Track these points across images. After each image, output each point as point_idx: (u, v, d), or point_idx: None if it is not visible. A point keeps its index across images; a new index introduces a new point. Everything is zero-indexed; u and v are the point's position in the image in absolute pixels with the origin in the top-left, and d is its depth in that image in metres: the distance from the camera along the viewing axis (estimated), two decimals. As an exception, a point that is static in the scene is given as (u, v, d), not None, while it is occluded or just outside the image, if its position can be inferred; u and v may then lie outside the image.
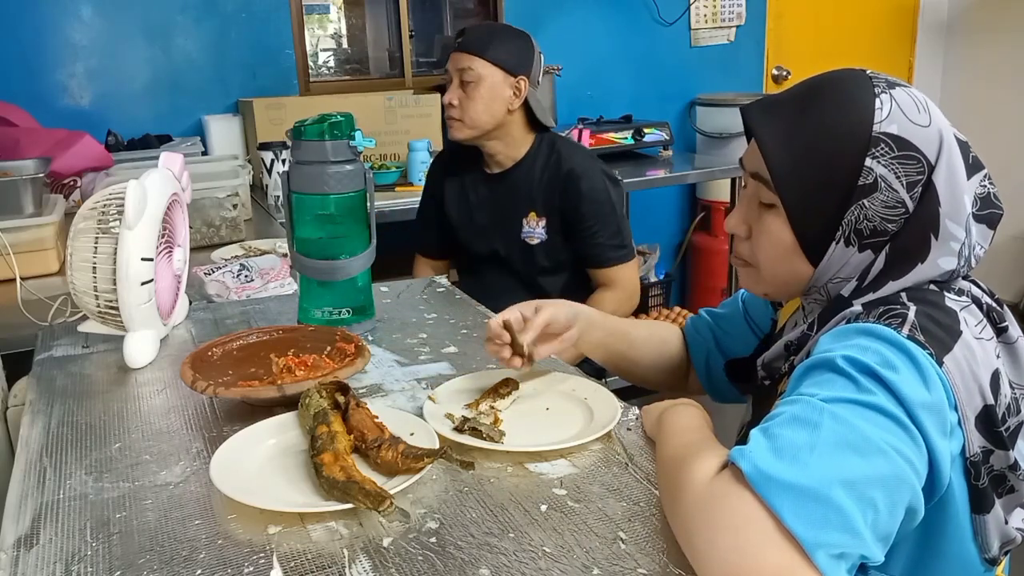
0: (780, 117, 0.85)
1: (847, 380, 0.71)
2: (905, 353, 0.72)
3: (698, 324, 1.22)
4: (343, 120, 1.30)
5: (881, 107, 0.81)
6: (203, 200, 2.04)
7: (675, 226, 4.07)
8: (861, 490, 0.64)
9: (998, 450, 0.78)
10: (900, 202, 0.80)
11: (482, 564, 0.74)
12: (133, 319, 1.23)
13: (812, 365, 0.75)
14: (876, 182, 0.80)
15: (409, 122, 3.09)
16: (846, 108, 0.82)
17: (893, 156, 0.80)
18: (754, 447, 0.67)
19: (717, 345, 1.19)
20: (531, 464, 0.93)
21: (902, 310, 0.77)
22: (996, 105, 4.16)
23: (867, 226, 0.81)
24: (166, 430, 1.04)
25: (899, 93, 0.82)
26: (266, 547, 0.77)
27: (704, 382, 1.21)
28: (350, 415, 0.94)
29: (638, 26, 3.77)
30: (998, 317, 0.83)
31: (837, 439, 0.66)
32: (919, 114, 0.81)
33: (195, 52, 3.10)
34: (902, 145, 0.80)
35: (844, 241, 0.82)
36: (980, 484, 0.78)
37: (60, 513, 0.85)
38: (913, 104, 0.82)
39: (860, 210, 0.81)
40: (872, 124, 0.80)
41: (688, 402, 0.95)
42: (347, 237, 1.35)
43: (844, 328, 0.78)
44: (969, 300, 0.82)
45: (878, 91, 0.82)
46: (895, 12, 4.32)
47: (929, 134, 0.81)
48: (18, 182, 1.85)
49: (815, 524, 0.62)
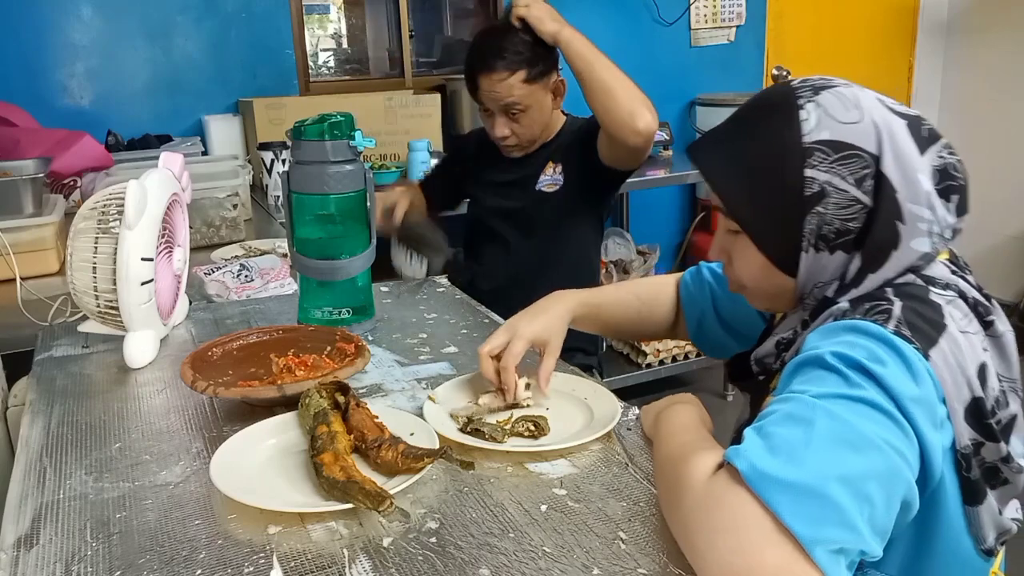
0: (719, 150, 0.89)
1: (837, 376, 0.71)
2: (892, 348, 0.73)
3: (697, 282, 1.21)
4: (343, 120, 1.30)
5: (807, 117, 0.82)
6: (203, 200, 2.04)
7: (675, 226, 4.07)
8: (857, 485, 0.64)
9: (989, 442, 0.78)
10: (854, 199, 0.81)
11: (482, 564, 0.74)
12: (133, 319, 1.23)
13: (801, 363, 0.76)
14: (823, 189, 0.81)
15: (409, 122, 3.09)
16: (774, 127, 0.84)
17: (832, 160, 0.81)
18: (749, 446, 0.67)
19: (714, 308, 1.18)
20: (531, 464, 0.93)
21: (887, 305, 0.78)
22: (996, 105, 4.16)
23: (829, 230, 0.83)
24: (166, 430, 1.04)
25: (825, 97, 0.83)
26: (266, 547, 0.77)
27: (693, 337, 1.22)
28: (350, 415, 0.94)
29: (638, 26, 3.77)
30: (984, 311, 0.83)
31: (831, 435, 0.66)
32: (848, 112, 0.82)
33: (195, 52, 3.10)
34: (838, 147, 0.81)
35: (813, 249, 0.84)
36: (971, 476, 0.78)
37: (60, 513, 0.85)
38: (840, 104, 0.83)
39: (817, 217, 0.82)
40: (802, 136, 0.82)
41: (686, 400, 0.95)
42: (347, 237, 1.35)
43: (831, 325, 0.79)
44: (955, 294, 0.82)
45: (802, 101, 0.84)
46: (895, 12, 4.32)
47: (863, 128, 0.82)
48: (18, 182, 1.85)
49: (813, 521, 0.62)
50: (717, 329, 1.18)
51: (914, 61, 4.40)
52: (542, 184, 1.91)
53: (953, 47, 4.36)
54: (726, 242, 0.92)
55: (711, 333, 1.19)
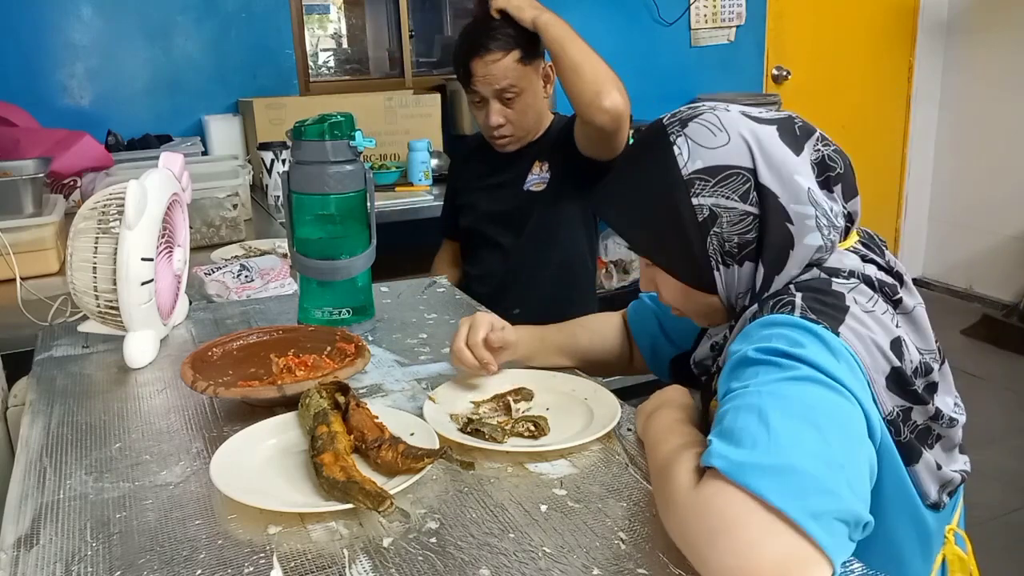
0: (613, 198, 0.95)
1: (769, 366, 0.75)
2: (805, 330, 0.78)
3: (640, 311, 1.25)
4: (343, 120, 1.31)
5: (680, 152, 0.88)
6: (203, 200, 2.04)
7: (675, 226, 4.07)
8: (823, 453, 0.67)
9: (917, 406, 0.83)
10: (745, 213, 0.86)
11: (482, 564, 0.74)
12: (133, 319, 1.23)
13: (731, 367, 0.79)
14: (712, 211, 0.87)
15: (409, 122, 3.09)
16: (655, 167, 0.90)
17: (713, 184, 0.87)
18: (716, 447, 0.70)
19: (662, 330, 1.22)
20: (531, 464, 0.93)
21: (789, 298, 0.83)
22: (996, 105, 4.16)
23: (731, 246, 0.88)
24: (166, 430, 1.04)
25: (692, 128, 0.89)
26: (266, 547, 0.77)
27: (651, 365, 1.25)
28: (350, 415, 0.94)
29: (638, 26, 3.77)
30: (891, 291, 0.87)
31: (784, 414, 0.69)
32: (715, 137, 0.88)
33: (195, 52, 3.10)
34: (715, 172, 0.87)
35: (723, 266, 0.89)
36: (903, 439, 0.83)
37: (60, 513, 0.85)
38: (707, 131, 0.88)
39: (717, 238, 0.87)
40: (680, 170, 0.87)
41: (671, 398, 0.96)
42: (347, 237, 1.35)
43: (747, 328, 0.84)
44: (858, 281, 0.86)
45: (672, 137, 0.89)
46: (895, 12, 4.32)
47: (732, 148, 0.87)
48: (18, 182, 1.85)
49: (795, 495, 0.64)
50: (670, 350, 1.20)
51: (914, 61, 4.40)
52: (530, 184, 1.90)
53: (953, 47, 4.36)
54: (648, 274, 0.97)
55: (667, 357, 1.21)
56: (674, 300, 0.97)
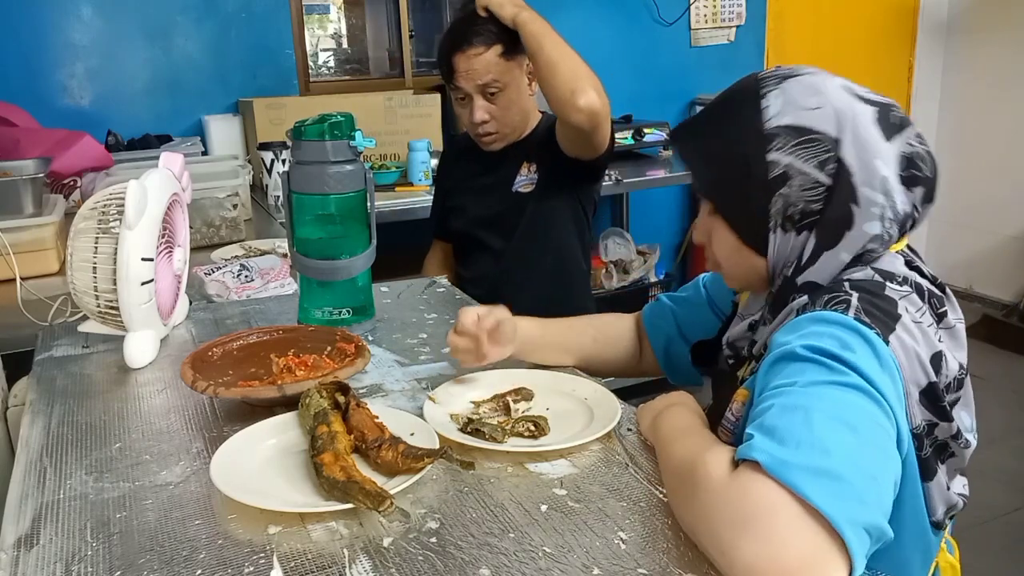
0: (694, 136, 0.95)
1: (816, 365, 0.74)
2: (857, 333, 0.77)
3: (659, 311, 1.25)
4: (343, 120, 1.31)
5: (768, 105, 0.87)
6: (203, 200, 2.04)
7: (675, 226, 4.08)
8: (862, 463, 0.67)
9: (942, 423, 0.83)
10: (816, 182, 0.85)
11: (482, 564, 0.74)
12: (133, 319, 1.23)
13: (775, 359, 0.78)
14: (785, 171, 0.86)
15: (409, 122, 3.09)
16: (739, 115, 0.89)
17: (794, 144, 0.85)
18: (758, 442, 0.69)
19: (679, 331, 1.21)
20: (531, 464, 0.93)
21: (846, 297, 0.81)
22: (996, 105, 4.16)
23: (794, 210, 0.86)
24: (166, 430, 1.04)
25: (790, 84, 0.88)
26: (266, 547, 0.77)
27: (663, 366, 1.24)
28: (350, 415, 0.94)
29: (638, 26, 3.77)
30: (938, 303, 0.87)
31: (829, 418, 0.69)
32: (810, 98, 0.87)
33: (195, 52, 3.10)
34: (799, 132, 0.86)
35: (780, 229, 0.88)
36: (924, 454, 0.83)
37: (60, 513, 0.85)
38: (803, 91, 0.87)
39: (782, 199, 0.86)
40: (764, 122, 0.86)
41: (682, 401, 0.96)
42: (347, 237, 1.35)
43: (795, 320, 0.82)
44: (910, 289, 0.85)
45: (765, 90, 0.88)
46: (895, 12, 4.32)
47: (824, 114, 0.86)
48: (18, 182, 1.85)
49: (835, 499, 0.64)
50: (687, 353, 1.20)
51: (914, 61, 4.40)
52: (518, 185, 1.89)
53: (953, 47, 4.36)
54: (706, 223, 0.96)
55: (681, 358, 1.20)
56: (722, 254, 0.95)
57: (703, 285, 1.20)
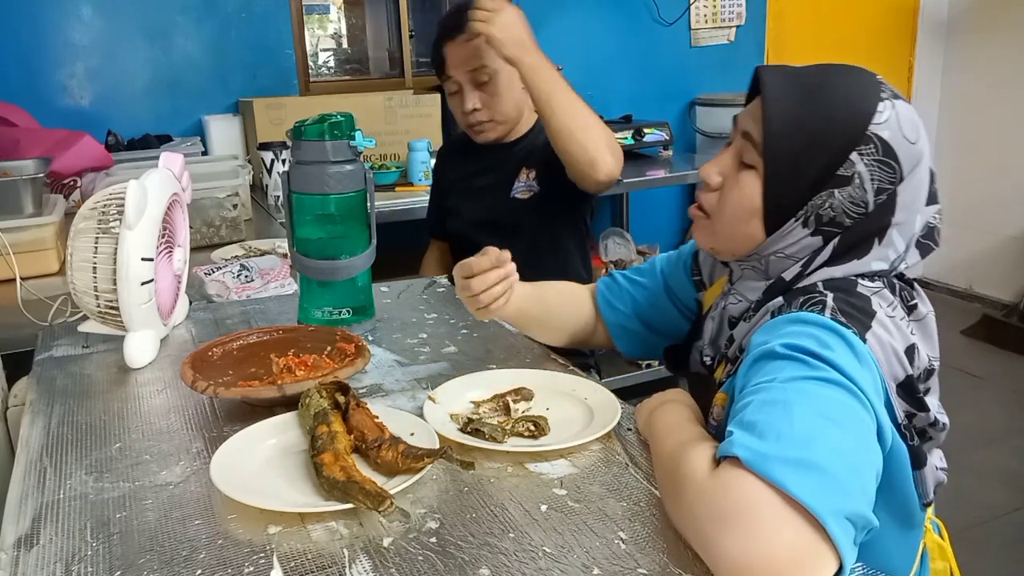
0: (790, 88, 0.88)
1: (795, 362, 0.75)
2: (835, 332, 0.77)
3: (614, 290, 1.24)
4: (343, 120, 1.31)
5: (882, 111, 0.86)
6: (203, 200, 2.04)
7: (675, 226, 4.08)
8: (844, 455, 0.68)
9: (920, 413, 0.84)
10: (864, 202, 0.86)
11: (482, 564, 0.74)
12: (133, 319, 1.23)
13: (755, 359, 0.79)
14: (853, 176, 0.85)
15: (409, 122, 3.09)
16: (851, 101, 0.86)
17: (875, 158, 0.85)
18: (738, 437, 0.69)
19: (636, 313, 1.22)
20: (531, 464, 0.93)
21: (821, 297, 0.82)
22: (996, 105, 4.16)
23: (828, 214, 0.86)
24: (166, 430, 1.04)
25: (902, 106, 0.87)
26: (266, 547, 0.77)
27: (617, 340, 1.25)
28: (350, 415, 0.94)
29: (638, 26, 3.77)
30: (908, 296, 0.88)
31: (810, 412, 0.70)
32: (911, 131, 0.87)
33: (195, 52, 3.10)
34: (887, 151, 0.85)
35: (803, 221, 0.87)
36: (914, 444, 0.84)
37: (60, 513, 0.85)
38: (910, 120, 0.87)
39: (828, 198, 0.86)
40: (869, 124, 0.85)
41: (677, 398, 0.96)
42: (347, 237, 1.35)
43: (773, 321, 0.83)
44: (882, 284, 0.86)
45: (884, 97, 0.87)
46: (895, 12, 4.32)
47: (913, 151, 0.86)
48: (18, 182, 1.85)
49: (817, 491, 0.64)
50: (642, 331, 1.21)
51: (914, 61, 4.40)
52: (516, 191, 1.87)
53: (953, 47, 4.36)
54: (728, 169, 0.94)
55: (635, 336, 1.22)
56: (731, 207, 0.92)
57: (661, 274, 1.20)
